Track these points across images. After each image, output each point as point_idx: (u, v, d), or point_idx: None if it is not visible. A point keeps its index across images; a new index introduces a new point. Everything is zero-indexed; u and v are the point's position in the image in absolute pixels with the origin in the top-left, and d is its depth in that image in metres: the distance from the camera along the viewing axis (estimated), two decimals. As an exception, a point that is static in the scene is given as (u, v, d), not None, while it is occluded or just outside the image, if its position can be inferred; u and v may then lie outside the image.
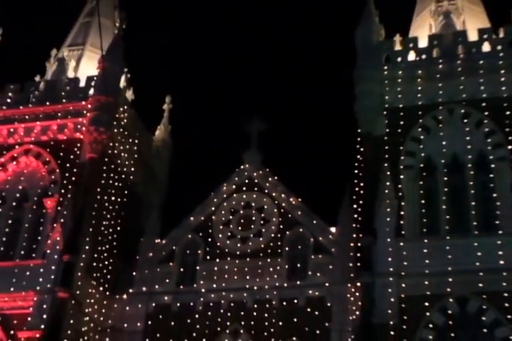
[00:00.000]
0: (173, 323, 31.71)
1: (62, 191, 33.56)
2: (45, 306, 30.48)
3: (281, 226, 32.96)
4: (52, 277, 31.04)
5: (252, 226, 33.37)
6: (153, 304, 32.35)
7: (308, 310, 30.69)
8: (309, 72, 58.57)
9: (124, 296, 32.87)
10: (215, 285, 32.09)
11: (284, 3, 64.38)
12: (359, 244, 29.88)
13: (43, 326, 30.01)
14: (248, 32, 63.10)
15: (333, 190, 34.58)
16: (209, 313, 31.54)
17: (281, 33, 65.68)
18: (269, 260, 32.20)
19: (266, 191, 33.93)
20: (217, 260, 32.79)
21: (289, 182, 34.27)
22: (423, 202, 30.77)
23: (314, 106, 55.51)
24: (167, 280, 32.87)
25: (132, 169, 36.70)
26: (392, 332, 27.53)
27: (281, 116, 49.18)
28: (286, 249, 32.43)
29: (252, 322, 30.96)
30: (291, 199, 33.45)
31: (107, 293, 33.12)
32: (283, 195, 33.60)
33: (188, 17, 63.19)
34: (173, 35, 61.16)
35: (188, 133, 47.00)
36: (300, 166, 47.78)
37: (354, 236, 30.84)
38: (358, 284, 29.33)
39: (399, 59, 33.42)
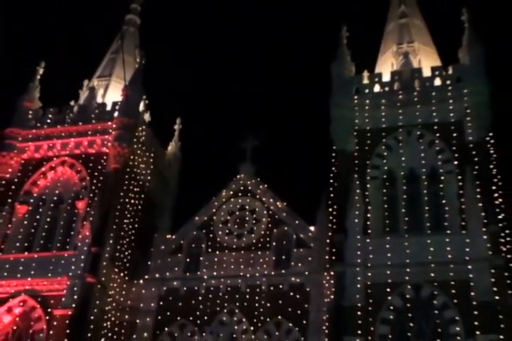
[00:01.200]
0: (180, 304, 31.38)
1: (91, 195, 33.37)
2: (76, 289, 30.33)
3: (269, 225, 32.71)
4: (82, 265, 30.89)
5: (246, 225, 33.08)
6: (165, 288, 32.00)
7: (291, 294, 30.44)
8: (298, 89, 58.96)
9: (141, 281, 32.55)
10: (215, 273, 31.78)
11: (284, 5, 64.05)
12: (333, 240, 29.81)
13: (74, 305, 29.89)
14: (249, 35, 62.87)
15: (312, 196, 34.41)
16: (210, 296, 31.26)
17: (281, 37, 65.41)
18: (259, 252, 31.94)
19: (257, 196, 33.68)
20: (217, 252, 32.49)
21: (276, 189, 34.08)
22: (386, 206, 30.61)
23: (298, 127, 56.14)
24: (176, 269, 32.52)
25: (148, 177, 36.45)
26: (359, 313, 27.47)
27: (271, 134, 49.20)
28: (274, 243, 32.16)
29: (245, 304, 30.68)
30: (278, 203, 33.22)
31: (127, 279, 32.88)
32: (271, 200, 33.37)
33: (193, 51, 63.66)
34: (183, 69, 61.20)
35: (194, 148, 46.74)
36: (286, 176, 47.63)
37: (329, 233, 30.74)
38: (332, 273, 29.29)
39: (366, 90, 33.32)
